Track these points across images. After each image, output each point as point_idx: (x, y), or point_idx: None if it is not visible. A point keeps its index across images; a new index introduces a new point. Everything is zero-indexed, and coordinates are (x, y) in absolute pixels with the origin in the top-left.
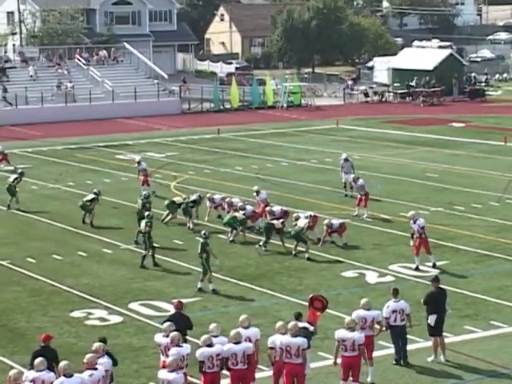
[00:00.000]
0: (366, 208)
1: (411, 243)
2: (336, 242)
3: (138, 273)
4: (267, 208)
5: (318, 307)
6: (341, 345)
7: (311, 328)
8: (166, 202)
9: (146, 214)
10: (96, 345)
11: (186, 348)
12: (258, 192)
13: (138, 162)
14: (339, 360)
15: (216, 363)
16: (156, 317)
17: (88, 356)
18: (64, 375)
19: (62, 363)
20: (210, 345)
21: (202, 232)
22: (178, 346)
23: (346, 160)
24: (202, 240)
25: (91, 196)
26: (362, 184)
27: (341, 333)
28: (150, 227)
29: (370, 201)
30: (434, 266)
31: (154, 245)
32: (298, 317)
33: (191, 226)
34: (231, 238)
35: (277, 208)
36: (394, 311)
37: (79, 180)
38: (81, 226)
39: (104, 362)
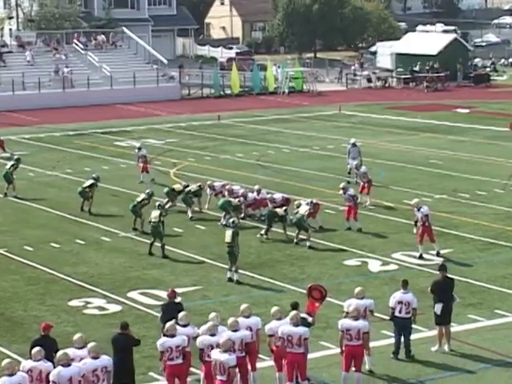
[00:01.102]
0: (368, 195)
1: (414, 231)
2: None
3: (137, 261)
4: (268, 195)
5: (316, 297)
6: (345, 334)
7: (310, 319)
8: (166, 190)
9: (158, 204)
10: (92, 344)
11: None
12: (258, 191)
13: (139, 148)
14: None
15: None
16: (155, 306)
17: (91, 345)
18: (61, 365)
19: (59, 353)
20: (213, 334)
21: (231, 220)
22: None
23: (354, 145)
24: (232, 229)
25: (90, 181)
26: (365, 171)
27: (345, 322)
28: (164, 217)
29: (372, 188)
30: (438, 255)
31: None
32: (295, 306)
33: (190, 214)
34: (223, 223)
35: (278, 195)
36: (399, 302)
37: (77, 167)
38: (79, 213)
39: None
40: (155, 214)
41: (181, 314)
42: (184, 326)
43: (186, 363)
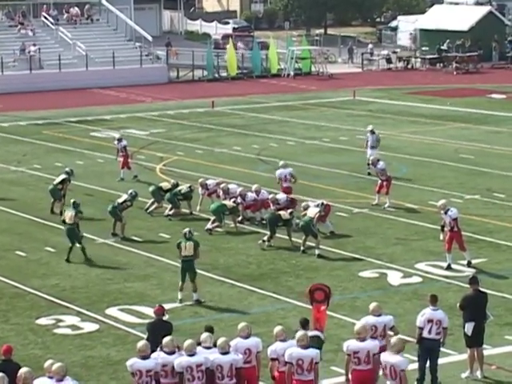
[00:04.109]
0: (387, 196)
1: (441, 237)
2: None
3: (117, 272)
4: (270, 196)
5: (320, 299)
6: (352, 358)
7: (321, 336)
8: (152, 189)
9: (72, 201)
10: (57, 365)
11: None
12: (257, 192)
13: (119, 139)
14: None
15: (197, 375)
16: (138, 324)
17: (56, 365)
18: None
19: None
20: (193, 354)
21: (187, 230)
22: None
23: (373, 132)
24: (192, 241)
25: (62, 176)
26: (383, 167)
27: (352, 344)
28: (80, 218)
29: (392, 187)
30: (469, 265)
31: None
32: (305, 324)
33: (168, 211)
34: (209, 227)
35: (281, 196)
36: (429, 321)
37: (47, 162)
38: (49, 216)
39: None
40: (70, 214)
41: (165, 340)
42: (170, 353)
43: None
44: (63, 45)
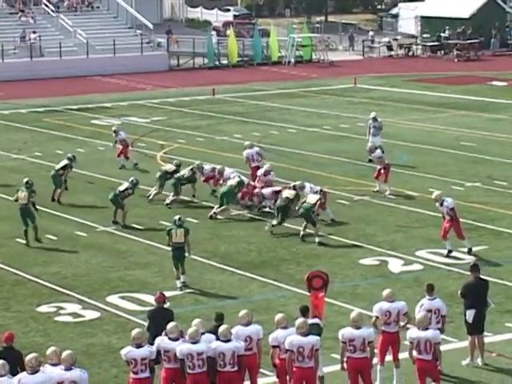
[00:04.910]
0: (386, 183)
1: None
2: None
3: (118, 260)
4: (256, 190)
5: (318, 286)
6: (347, 346)
7: (320, 323)
8: (158, 174)
9: (26, 181)
10: (66, 353)
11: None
12: (267, 173)
13: (115, 132)
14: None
15: (198, 363)
16: (139, 312)
17: (65, 353)
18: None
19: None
20: (195, 341)
21: (177, 217)
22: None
23: (375, 119)
24: (182, 228)
25: (64, 162)
26: (379, 155)
27: (347, 332)
28: (33, 197)
29: (392, 174)
30: (470, 252)
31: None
32: (305, 311)
33: (169, 200)
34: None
35: (267, 190)
36: (428, 311)
37: (47, 150)
38: (50, 204)
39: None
40: (23, 194)
41: (169, 326)
42: (175, 339)
43: (152, 378)
44: (64, 32)
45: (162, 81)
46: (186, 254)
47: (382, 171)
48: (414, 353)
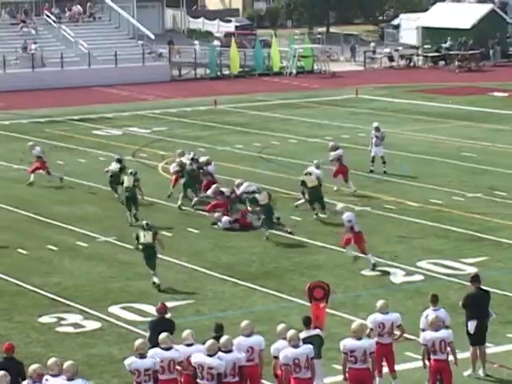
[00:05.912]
0: (348, 182)
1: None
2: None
3: (119, 270)
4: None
5: (319, 297)
6: (349, 356)
7: (321, 333)
8: (184, 181)
9: (130, 171)
10: (68, 363)
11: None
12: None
13: (32, 147)
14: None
15: (207, 376)
16: (140, 322)
17: (67, 364)
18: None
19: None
20: (211, 354)
21: (145, 222)
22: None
23: (378, 129)
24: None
25: (114, 166)
26: (340, 154)
27: (348, 342)
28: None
29: (394, 185)
30: (374, 268)
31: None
32: (308, 322)
33: (194, 202)
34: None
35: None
36: None
37: (49, 160)
38: (50, 214)
39: None
40: (129, 179)
41: (161, 336)
42: (167, 349)
43: None
44: (65, 43)
45: (163, 91)
46: (158, 255)
47: (342, 170)
48: (430, 355)
